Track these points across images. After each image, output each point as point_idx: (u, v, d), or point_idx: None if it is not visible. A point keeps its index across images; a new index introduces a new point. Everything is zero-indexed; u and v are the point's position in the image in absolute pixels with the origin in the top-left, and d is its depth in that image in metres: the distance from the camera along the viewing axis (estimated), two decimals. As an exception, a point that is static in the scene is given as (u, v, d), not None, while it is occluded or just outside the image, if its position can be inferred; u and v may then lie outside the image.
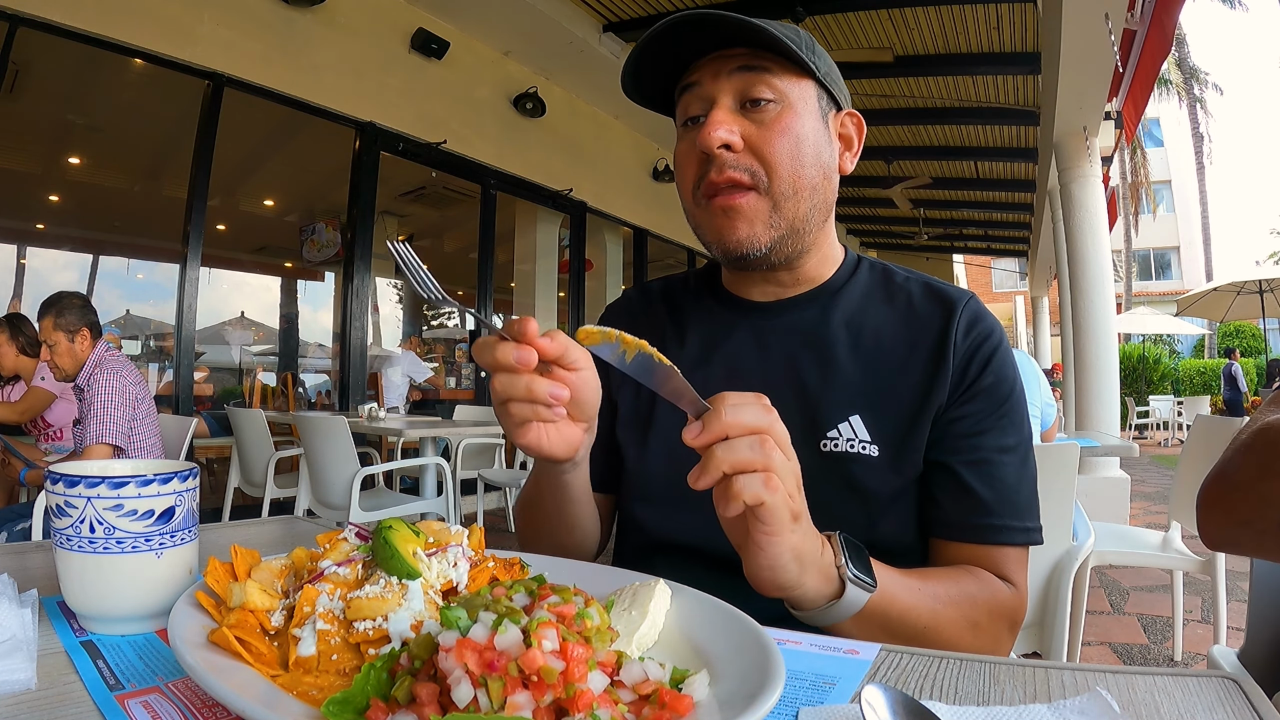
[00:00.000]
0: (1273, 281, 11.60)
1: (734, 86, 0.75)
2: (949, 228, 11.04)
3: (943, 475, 0.75)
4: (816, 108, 0.78)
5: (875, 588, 0.62)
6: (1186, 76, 21.03)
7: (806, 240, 0.80)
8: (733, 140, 0.74)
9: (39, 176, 6.53)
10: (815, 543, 0.59)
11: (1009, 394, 0.77)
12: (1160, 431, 13.64)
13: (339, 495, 3.05)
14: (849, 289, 0.84)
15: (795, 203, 0.76)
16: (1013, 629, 0.74)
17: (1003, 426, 0.76)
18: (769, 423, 0.54)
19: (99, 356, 2.50)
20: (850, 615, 0.61)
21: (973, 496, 0.74)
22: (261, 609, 0.46)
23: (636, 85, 0.81)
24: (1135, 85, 5.05)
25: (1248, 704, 0.45)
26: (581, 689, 0.34)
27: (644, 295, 0.96)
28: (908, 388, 0.76)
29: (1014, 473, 0.76)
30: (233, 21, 4.11)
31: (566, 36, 5.31)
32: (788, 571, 0.57)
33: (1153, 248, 24.38)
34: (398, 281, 10.04)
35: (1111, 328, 5.42)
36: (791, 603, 0.62)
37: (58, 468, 0.54)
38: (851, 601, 0.61)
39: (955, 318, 0.78)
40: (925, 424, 0.75)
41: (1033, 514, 0.76)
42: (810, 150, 0.76)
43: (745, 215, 0.76)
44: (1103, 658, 2.61)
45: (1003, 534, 0.74)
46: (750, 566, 0.58)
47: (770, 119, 0.75)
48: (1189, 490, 2.43)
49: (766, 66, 0.75)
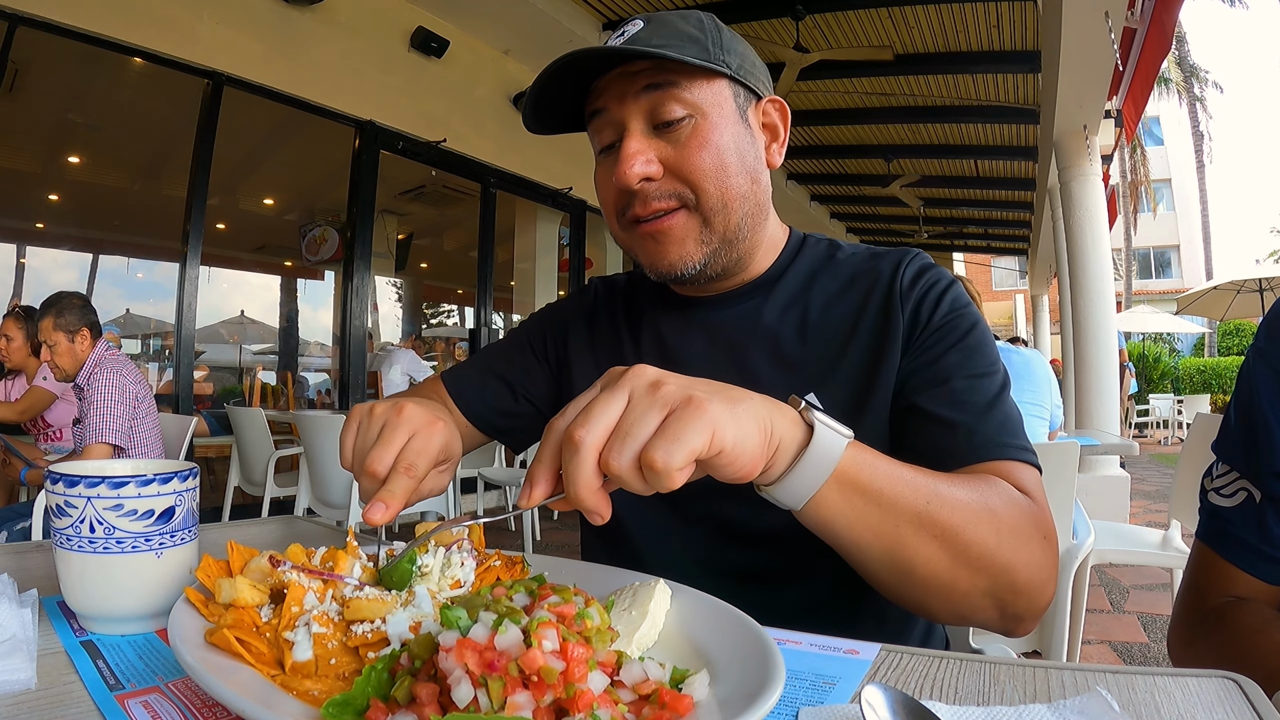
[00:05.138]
0: (1273, 280, 11.59)
1: (642, 108, 0.71)
2: (949, 226, 11.04)
3: (914, 418, 0.71)
4: (734, 108, 0.74)
5: (851, 436, 0.54)
6: (1186, 75, 21.01)
7: (741, 248, 0.77)
8: (651, 171, 0.71)
9: (39, 176, 6.53)
10: (762, 402, 0.51)
11: (969, 328, 0.74)
12: (1160, 430, 13.64)
13: (339, 494, 3.05)
14: (791, 272, 0.82)
15: (726, 216, 0.74)
16: (1041, 532, 0.63)
17: (966, 356, 0.72)
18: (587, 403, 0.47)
19: (99, 356, 2.50)
20: (827, 474, 0.53)
21: (949, 425, 0.68)
22: (251, 604, 0.46)
23: (539, 119, 0.78)
24: (1135, 84, 5.05)
25: (1248, 704, 0.45)
26: (582, 689, 0.34)
27: (609, 291, 0.95)
28: (859, 351, 0.75)
29: (991, 397, 0.70)
30: (232, 20, 4.11)
31: (566, 35, 5.31)
32: (753, 444, 0.48)
33: (1153, 246, 24.36)
34: (398, 280, 10.05)
35: (1111, 326, 5.42)
36: (765, 469, 0.52)
37: (58, 468, 0.54)
38: (824, 448, 0.52)
39: (900, 271, 0.77)
40: (884, 382, 0.73)
41: (1024, 437, 0.69)
42: (734, 158, 0.73)
43: (675, 237, 0.74)
44: (1103, 657, 2.61)
45: (995, 449, 0.67)
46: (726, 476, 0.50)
47: (686, 136, 0.71)
48: (1189, 489, 2.43)
49: (673, 79, 0.70)
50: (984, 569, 0.59)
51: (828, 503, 0.54)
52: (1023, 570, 0.60)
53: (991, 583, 0.59)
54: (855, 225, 11.70)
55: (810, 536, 0.59)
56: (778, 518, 0.59)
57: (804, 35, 5.07)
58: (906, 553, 0.57)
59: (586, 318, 0.93)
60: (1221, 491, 0.72)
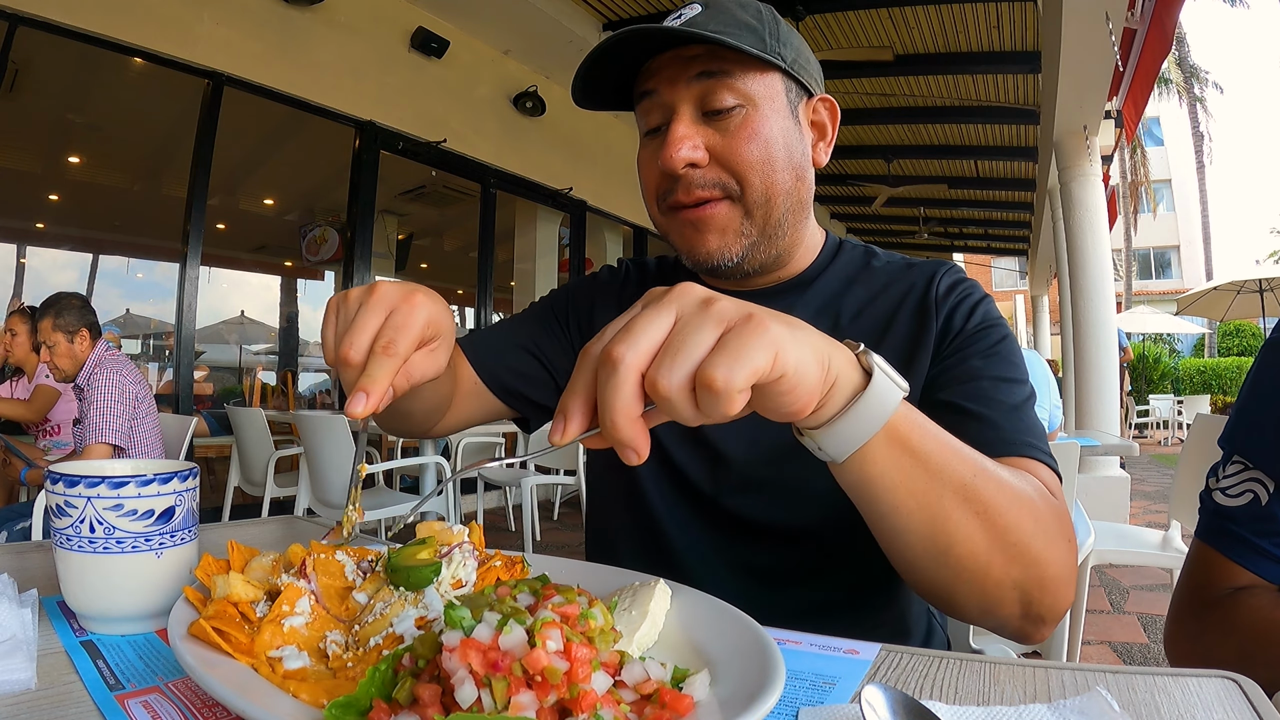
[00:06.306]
0: (1273, 280, 11.60)
1: (693, 94, 0.71)
2: (949, 226, 11.04)
3: (940, 411, 0.69)
4: (785, 103, 0.73)
5: (908, 389, 0.50)
6: (1187, 75, 21.01)
7: (780, 244, 0.77)
8: (697, 157, 0.70)
9: (39, 176, 6.52)
10: (819, 334, 0.46)
11: (1000, 339, 0.74)
12: (1160, 430, 13.65)
13: (339, 494, 3.05)
14: (826, 276, 0.82)
15: (768, 210, 0.73)
16: (1066, 534, 0.60)
17: (995, 363, 0.72)
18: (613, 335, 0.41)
19: (99, 356, 2.50)
20: (879, 425, 0.48)
21: (977, 418, 0.68)
22: (245, 600, 0.46)
23: (587, 94, 0.76)
24: (1135, 84, 5.05)
25: (1248, 704, 0.45)
26: (585, 689, 0.34)
27: (640, 272, 0.94)
28: (890, 354, 0.74)
29: (1018, 402, 0.70)
30: (232, 20, 4.11)
31: (566, 35, 5.30)
32: (812, 375, 0.43)
33: (1153, 247, 24.37)
34: (398, 280, 10.03)
35: (1111, 327, 5.42)
36: (817, 408, 0.46)
37: (58, 467, 0.54)
38: (880, 395, 0.47)
39: (935, 281, 0.78)
40: (913, 386, 0.73)
41: (1046, 444, 0.68)
42: (781, 152, 0.72)
43: (716, 226, 0.73)
44: (1103, 657, 2.61)
45: (1022, 447, 0.66)
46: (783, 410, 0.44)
47: (735, 126, 0.70)
48: (1189, 490, 2.43)
49: (727, 69, 0.70)
50: (1019, 557, 0.56)
51: (874, 458, 0.50)
52: (1052, 566, 0.57)
53: (1024, 574, 0.56)
54: (855, 226, 11.70)
55: (840, 531, 0.57)
56: (811, 512, 0.58)
57: (804, 35, 5.04)
58: (948, 525, 0.54)
59: (616, 293, 0.91)
60: (1228, 491, 0.72)
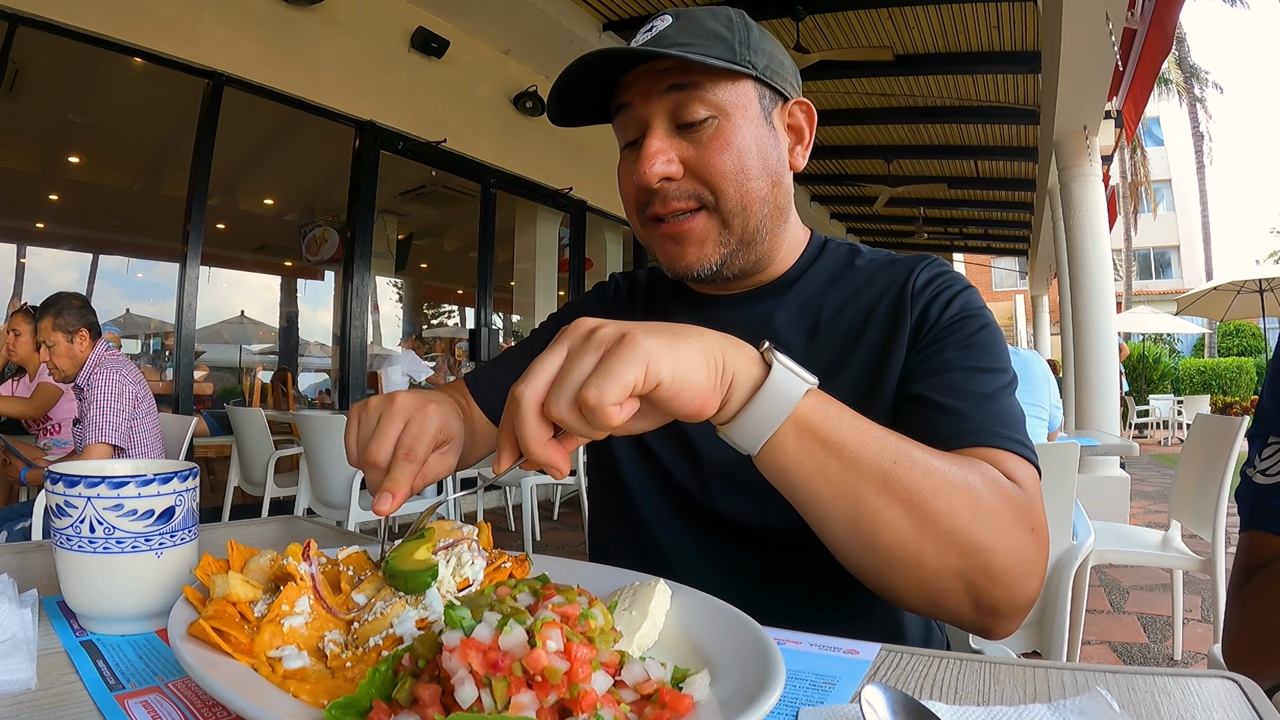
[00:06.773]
0: (1273, 280, 11.60)
1: (666, 107, 0.72)
2: (949, 226, 11.04)
3: (910, 403, 0.70)
4: (758, 110, 0.74)
5: (814, 383, 0.53)
6: (1187, 75, 21.01)
7: (760, 249, 0.77)
8: (671, 171, 0.71)
9: (39, 176, 6.52)
10: (716, 338, 0.51)
11: (978, 329, 0.73)
12: (1160, 430, 13.65)
13: (339, 494, 3.05)
14: (808, 276, 0.82)
15: (745, 218, 0.74)
16: (1028, 523, 0.59)
17: (970, 353, 0.71)
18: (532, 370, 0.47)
19: (99, 356, 2.50)
20: (784, 416, 0.51)
21: (943, 410, 0.67)
22: (244, 599, 0.46)
23: (563, 113, 0.78)
24: (1135, 84, 5.05)
25: (1248, 704, 0.45)
26: (585, 689, 0.34)
27: (630, 287, 0.95)
28: (866, 351, 0.75)
29: (992, 391, 0.68)
30: (232, 20, 4.11)
31: (566, 35, 5.30)
32: (703, 377, 0.49)
33: (1153, 247, 24.36)
34: (398, 280, 10.04)
35: (1111, 327, 5.42)
36: (721, 407, 0.51)
37: (58, 468, 0.54)
38: (779, 388, 0.51)
39: (913, 274, 0.78)
40: (889, 381, 0.73)
41: (1023, 434, 0.67)
42: (755, 161, 0.73)
43: (694, 238, 0.74)
44: (1103, 657, 2.61)
45: (989, 436, 0.64)
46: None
47: (708, 137, 0.71)
48: (1189, 489, 2.43)
49: (697, 81, 0.70)
50: (953, 544, 0.55)
51: (784, 448, 0.53)
52: (1000, 555, 0.56)
53: (964, 563, 0.56)
54: (855, 226, 11.70)
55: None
56: (796, 512, 0.58)
57: (804, 35, 5.07)
58: (869, 513, 0.54)
59: (606, 311, 0.92)
60: (1267, 471, 0.70)
